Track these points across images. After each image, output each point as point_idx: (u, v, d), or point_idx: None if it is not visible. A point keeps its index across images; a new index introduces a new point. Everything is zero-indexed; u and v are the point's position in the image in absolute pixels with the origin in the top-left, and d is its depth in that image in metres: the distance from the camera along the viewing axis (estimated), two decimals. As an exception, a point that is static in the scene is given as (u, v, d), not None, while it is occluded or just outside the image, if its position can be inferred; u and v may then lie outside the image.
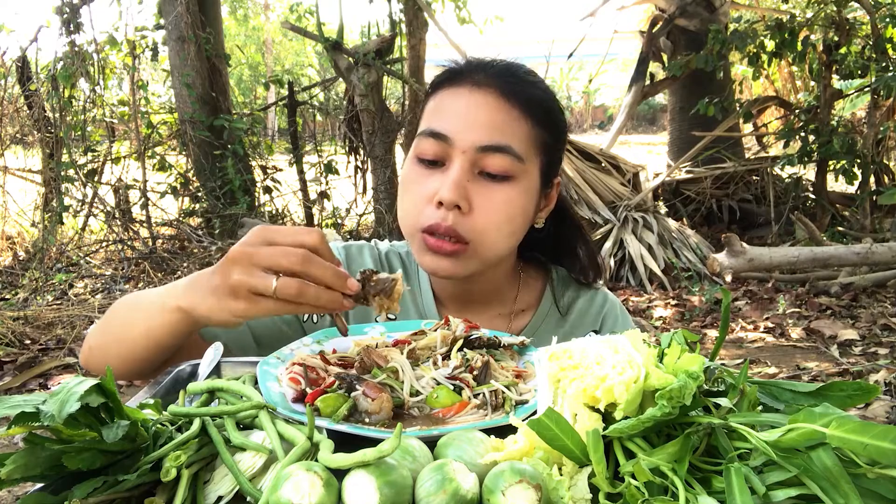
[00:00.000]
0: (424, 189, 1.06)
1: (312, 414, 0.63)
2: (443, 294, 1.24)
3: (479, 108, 1.05)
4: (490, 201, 1.05)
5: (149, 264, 5.54)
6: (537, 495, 0.54)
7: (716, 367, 0.66)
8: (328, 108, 8.06)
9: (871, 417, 2.88)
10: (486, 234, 1.05)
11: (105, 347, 1.03)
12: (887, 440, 0.49)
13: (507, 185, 1.06)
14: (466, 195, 1.03)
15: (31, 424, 0.56)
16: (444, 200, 1.02)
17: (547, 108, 1.11)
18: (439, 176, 1.05)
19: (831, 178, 6.66)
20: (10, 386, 3.46)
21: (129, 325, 1.00)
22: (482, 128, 1.04)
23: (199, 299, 0.87)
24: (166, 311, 0.92)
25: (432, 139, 1.06)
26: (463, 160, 1.04)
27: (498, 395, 0.83)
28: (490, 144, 1.04)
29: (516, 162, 1.05)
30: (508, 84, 1.07)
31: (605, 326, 1.27)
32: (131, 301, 1.04)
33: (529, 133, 1.08)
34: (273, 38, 19.55)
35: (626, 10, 8.58)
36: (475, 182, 1.05)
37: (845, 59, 6.08)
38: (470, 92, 1.07)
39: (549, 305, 1.26)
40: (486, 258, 1.09)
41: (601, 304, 1.28)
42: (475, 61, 1.12)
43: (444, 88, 1.10)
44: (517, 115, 1.06)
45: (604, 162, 6.29)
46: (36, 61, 6.26)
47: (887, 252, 4.69)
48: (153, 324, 0.94)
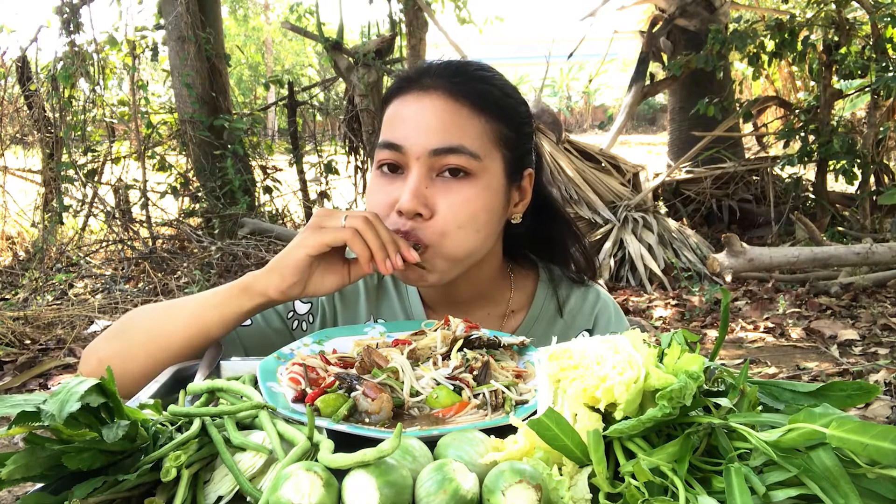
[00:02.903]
0: (386, 197, 1.07)
1: (312, 414, 0.63)
2: (430, 298, 1.24)
3: (426, 112, 1.06)
4: (450, 202, 1.05)
5: (149, 264, 5.54)
6: (537, 495, 0.54)
7: (716, 367, 0.66)
8: (328, 108, 8.06)
9: (871, 417, 2.88)
10: (446, 235, 1.05)
11: (124, 353, 1.04)
12: (887, 440, 0.49)
13: (466, 183, 1.06)
14: (426, 201, 1.04)
15: (31, 424, 0.56)
16: (404, 210, 1.03)
17: (500, 102, 1.10)
18: (399, 183, 1.07)
19: (831, 178, 6.66)
20: (10, 386, 3.46)
21: (166, 322, 1.04)
22: (432, 132, 1.05)
23: (279, 256, 1.01)
24: (234, 290, 1.02)
25: (388, 150, 1.07)
26: (419, 166, 1.04)
27: (498, 395, 0.83)
28: (441, 147, 1.04)
29: (472, 160, 1.05)
30: (455, 83, 1.07)
31: (598, 325, 1.26)
32: (159, 307, 1.10)
33: (484, 129, 1.07)
34: (273, 38, 19.55)
35: (626, 10, 8.59)
36: (434, 185, 1.05)
37: (845, 59, 6.08)
38: (417, 98, 1.08)
39: (542, 305, 1.25)
40: (453, 258, 1.08)
41: (594, 302, 1.27)
42: (423, 66, 1.13)
43: (395, 98, 1.11)
44: (467, 114, 1.06)
45: (604, 162, 6.29)
46: (36, 61, 6.27)
47: (887, 252, 4.69)
48: (211, 311, 1.02)
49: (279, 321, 1.18)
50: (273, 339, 1.16)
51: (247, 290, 1.01)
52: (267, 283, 1.00)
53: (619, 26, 8.37)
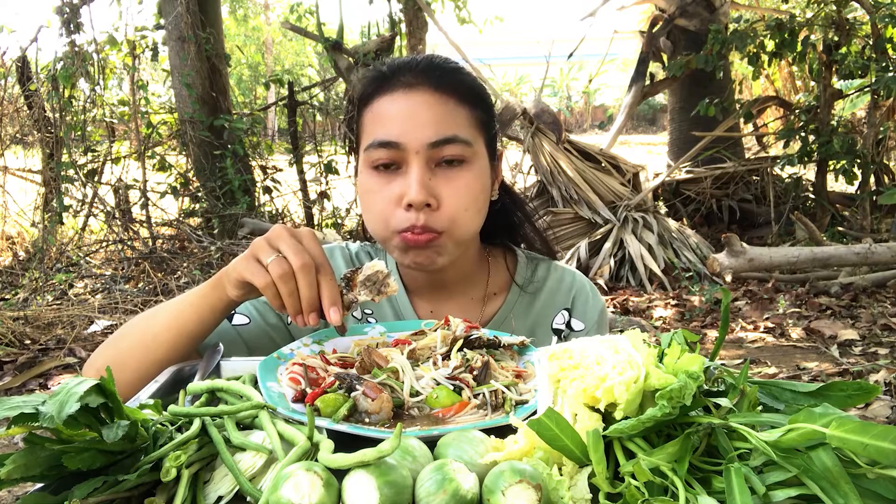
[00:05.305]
0: (388, 194, 1.10)
1: (312, 414, 0.63)
2: (414, 284, 1.26)
3: (418, 107, 1.10)
4: (454, 189, 1.10)
5: (149, 264, 5.54)
6: (537, 495, 0.54)
7: (716, 367, 0.66)
8: (328, 108, 8.06)
9: (871, 417, 2.88)
10: (455, 220, 1.10)
11: (116, 362, 1.05)
12: (887, 440, 0.49)
13: (463, 170, 1.11)
14: (432, 192, 1.08)
15: (31, 424, 0.56)
16: (414, 202, 1.06)
17: (476, 91, 1.17)
18: (399, 180, 1.09)
19: (831, 178, 6.66)
20: (10, 386, 3.46)
21: (150, 326, 1.05)
22: (427, 125, 1.08)
23: (231, 264, 1.00)
24: (206, 288, 1.03)
25: (383, 149, 1.09)
26: (418, 160, 1.08)
27: (498, 395, 0.83)
28: (438, 139, 1.08)
29: (466, 147, 1.11)
30: (437, 77, 1.12)
31: (576, 305, 1.30)
32: (148, 312, 1.11)
33: (469, 116, 1.13)
34: (273, 38, 19.56)
35: (626, 10, 8.59)
36: (436, 176, 1.09)
37: (845, 59, 6.08)
38: (405, 94, 1.11)
39: (521, 287, 1.30)
40: (462, 240, 1.14)
41: (570, 282, 1.32)
42: (396, 64, 1.16)
43: (376, 98, 1.14)
44: (454, 105, 1.11)
45: (604, 162, 6.29)
46: (36, 61, 6.26)
47: (887, 252, 4.69)
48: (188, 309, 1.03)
49: (275, 317, 1.20)
50: (272, 334, 1.18)
51: (215, 287, 1.02)
52: (226, 284, 1.00)
53: (619, 26, 8.36)
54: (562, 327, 1.29)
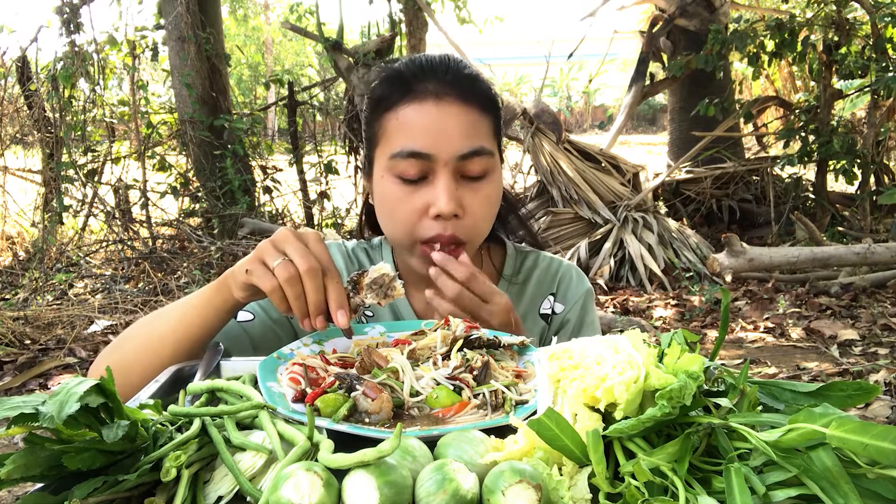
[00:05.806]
0: (414, 204, 1.11)
1: (312, 414, 0.63)
2: (410, 277, 1.27)
3: (448, 119, 1.11)
4: (478, 200, 1.13)
5: (149, 264, 5.54)
6: (537, 495, 0.54)
7: (716, 367, 0.66)
8: (328, 108, 8.06)
9: (871, 417, 2.89)
10: (476, 228, 1.14)
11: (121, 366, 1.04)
12: (887, 440, 0.49)
13: (486, 181, 1.14)
14: (460, 202, 1.10)
15: (31, 425, 0.56)
16: (444, 213, 1.09)
17: (493, 99, 1.18)
18: (425, 190, 1.11)
19: (831, 178, 6.66)
20: (10, 386, 3.46)
21: (155, 329, 1.05)
22: (458, 138, 1.10)
23: (237, 265, 1.00)
24: (211, 290, 1.03)
25: (413, 159, 1.10)
26: (447, 171, 1.10)
27: (498, 395, 0.83)
28: (468, 151, 1.10)
29: (490, 158, 1.13)
30: (462, 87, 1.13)
31: (559, 289, 1.33)
32: (152, 315, 1.11)
33: (489, 126, 1.16)
34: (273, 38, 19.56)
35: (626, 10, 8.59)
36: (462, 186, 1.12)
37: (845, 59, 6.08)
38: (436, 105, 1.11)
39: (510, 275, 1.33)
40: (478, 245, 1.20)
41: (556, 268, 1.35)
42: (417, 67, 1.15)
43: (402, 104, 1.12)
44: (478, 115, 1.14)
45: (604, 162, 6.29)
46: (36, 61, 6.26)
47: (887, 252, 4.69)
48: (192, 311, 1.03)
49: (277, 312, 1.19)
50: (276, 330, 1.19)
51: (220, 290, 1.02)
52: (231, 286, 1.00)
53: (619, 26, 8.37)
54: (548, 312, 1.32)
